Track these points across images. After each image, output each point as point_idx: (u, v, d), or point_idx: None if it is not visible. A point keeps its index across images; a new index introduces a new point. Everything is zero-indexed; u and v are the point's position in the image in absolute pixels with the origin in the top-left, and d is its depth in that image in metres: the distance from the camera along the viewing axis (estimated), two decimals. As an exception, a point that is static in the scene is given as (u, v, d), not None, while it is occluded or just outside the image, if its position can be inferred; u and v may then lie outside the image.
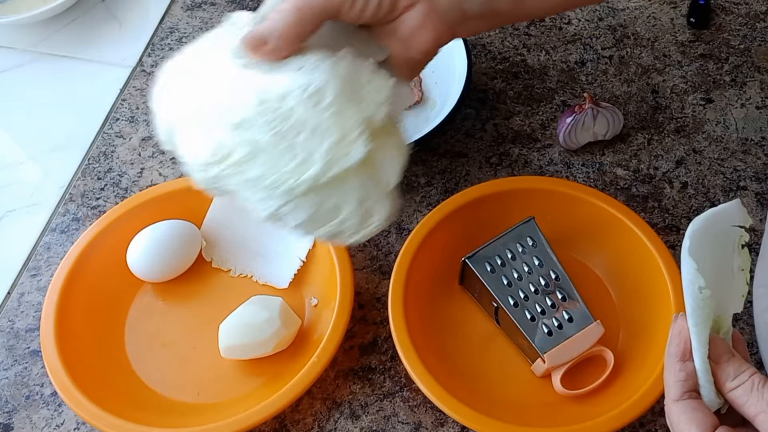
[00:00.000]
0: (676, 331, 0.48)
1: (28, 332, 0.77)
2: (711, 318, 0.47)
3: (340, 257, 0.72)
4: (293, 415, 0.70)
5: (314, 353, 0.68)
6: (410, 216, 0.81)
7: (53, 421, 0.72)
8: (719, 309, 0.48)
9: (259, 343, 0.70)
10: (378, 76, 0.52)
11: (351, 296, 0.71)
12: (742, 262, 0.50)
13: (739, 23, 0.94)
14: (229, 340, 0.71)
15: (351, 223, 0.53)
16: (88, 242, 0.76)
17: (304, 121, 0.48)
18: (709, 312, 0.47)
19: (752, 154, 0.84)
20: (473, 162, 0.85)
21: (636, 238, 0.72)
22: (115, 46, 0.99)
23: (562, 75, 0.91)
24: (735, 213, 0.49)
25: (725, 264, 0.49)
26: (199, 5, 1.02)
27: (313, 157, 0.48)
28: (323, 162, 0.48)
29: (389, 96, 0.52)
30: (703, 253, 0.47)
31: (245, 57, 0.51)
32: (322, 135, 0.48)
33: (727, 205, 0.49)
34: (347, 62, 0.51)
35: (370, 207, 0.52)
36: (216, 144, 0.50)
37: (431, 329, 0.72)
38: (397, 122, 0.54)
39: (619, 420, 0.63)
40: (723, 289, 0.49)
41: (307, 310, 0.75)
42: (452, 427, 0.69)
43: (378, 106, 0.50)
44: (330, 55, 0.51)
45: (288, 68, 0.49)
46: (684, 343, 0.48)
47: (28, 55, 1.00)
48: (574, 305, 0.69)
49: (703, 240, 0.47)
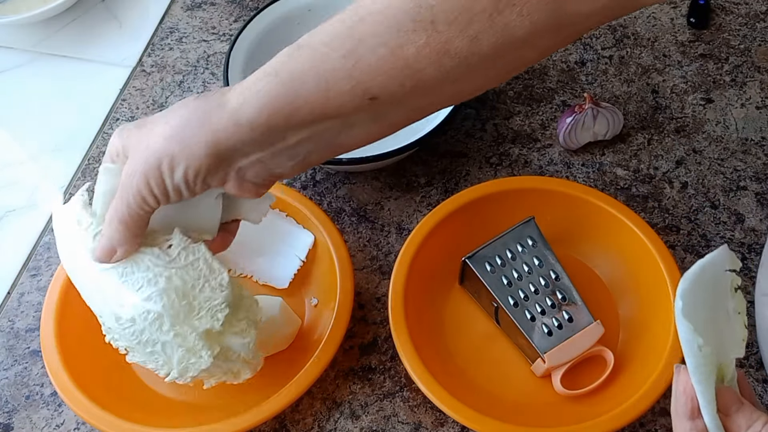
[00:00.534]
0: (681, 388, 0.47)
1: (28, 332, 0.77)
2: (714, 372, 0.47)
3: (340, 257, 0.72)
4: (293, 415, 0.70)
5: (314, 353, 0.68)
6: (410, 216, 0.81)
7: (53, 421, 0.72)
8: (721, 356, 0.48)
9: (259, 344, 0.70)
10: (212, 275, 0.59)
11: (351, 296, 0.71)
12: (738, 306, 0.49)
13: (739, 23, 0.94)
14: None
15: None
16: None
17: (155, 340, 0.58)
18: (712, 367, 0.46)
19: (752, 154, 0.84)
20: (473, 162, 0.85)
21: (636, 238, 0.72)
22: (115, 46, 0.99)
23: (562, 75, 0.91)
24: (724, 259, 0.49)
25: (721, 309, 0.49)
26: (199, 5, 1.02)
27: (171, 363, 0.59)
28: (178, 369, 0.59)
29: (226, 296, 0.59)
30: (697, 309, 0.47)
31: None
32: (171, 349, 0.58)
33: (714, 254, 0.48)
34: (181, 272, 0.58)
35: (234, 371, 0.63)
36: (106, 328, 0.60)
37: (431, 329, 0.72)
38: (245, 296, 0.62)
39: (619, 420, 0.63)
40: (722, 335, 0.48)
41: (307, 310, 0.75)
42: (452, 427, 0.69)
43: (214, 315, 0.58)
44: (165, 255, 0.58)
45: (132, 284, 0.58)
46: (691, 401, 0.46)
47: (28, 55, 1.00)
48: (574, 305, 0.69)
49: (695, 295, 0.47)
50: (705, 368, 0.46)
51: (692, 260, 0.76)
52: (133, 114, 0.92)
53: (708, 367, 0.46)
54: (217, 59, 0.96)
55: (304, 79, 0.48)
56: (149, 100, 0.93)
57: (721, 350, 0.48)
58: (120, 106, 0.93)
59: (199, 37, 0.98)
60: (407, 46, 0.46)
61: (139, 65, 0.97)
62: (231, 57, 0.83)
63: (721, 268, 0.49)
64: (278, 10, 0.87)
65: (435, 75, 0.47)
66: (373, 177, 0.84)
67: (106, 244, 0.56)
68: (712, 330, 0.47)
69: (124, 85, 0.95)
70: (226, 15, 1.00)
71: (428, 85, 0.47)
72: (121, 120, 0.91)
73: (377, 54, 0.46)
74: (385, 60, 0.46)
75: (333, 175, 0.85)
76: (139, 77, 0.95)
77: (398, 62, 0.46)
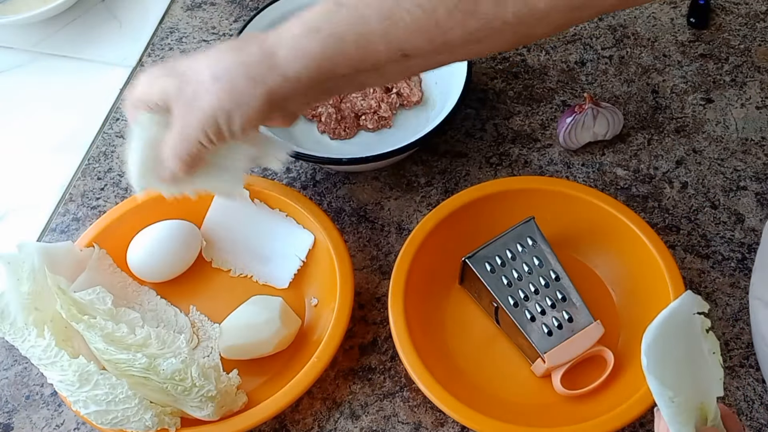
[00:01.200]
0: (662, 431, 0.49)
1: (28, 332, 0.77)
2: (693, 417, 0.48)
3: (339, 258, 0.72)
4: (293, 415, 0.70)
5: (314, 353, 0.68)
6: (410, 216, 0.81)
7: (53, 421, 0.72)
8: (701, 396, 0.49)
9: (259, 344, 0.70)
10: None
11: (351, 296, 0.71)
12: (711, 346, 0.50)
13: (739, 23, 0.94)
14: (229, 341, 0.71)
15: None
16: (88, 242, 0.76)
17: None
18: (689, 414, 0.47)
19: (752, 154, 0.84)
20: (473, 162, 0.84)
21: (636, 238, 0.72)
22: (115, 46, 0.99)
23: (562, 75, 0.91)
24: (691, 303, 0.49)
25: (696, 352, 0.50)
26: (199, 5, 1.02)
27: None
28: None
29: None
30: (665, 359, 0.48)
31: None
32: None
33: (678, 303, 0.49)
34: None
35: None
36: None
37: (431, 329, 0.72)
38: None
39: (619, 420, 0.63)
40: (700, 377, 0.49)
41: (307, 310, 0.75)
42: (452, 427, 0.69)
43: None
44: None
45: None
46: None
47: (28, 55, 1.00)
48: (574, 305, 0.69)
49: (662, 347, 0.48)
50: (680, 417, 0.47)
51: (692, 260, 0.77)
52: (133, 114, 0.92)
53: (683, 416, 0.47)
54: (217, 59, 0.96)
55: (346, 39, 0.53)
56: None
57: (701, 391, 0.49)
58: (120, 106, 0.93)
59: (199, 37, 0.98)
60: (440, 7, 0.50)
61: (139, 65, 0.97)
62: (231, 57, 0.83)
63: (689, 312, 0.49)
64: (278, 10, 0.87)
65: (461, 35, 0.51)
66: (373, 177, 0.84)
67: (170, 176, 0.61)
68: (688, 375, 0.48)
69: (124, 85, 0.95)
70: (226, 15, 1.00)
71: (454, 43, 0.52)
72: (121, 120, 0.91)
73: (413, 15, 0.51)
74: (420, 21, 0.51)
75: (333, 175, 0.85)
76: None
77: (430, 23, 0.51)
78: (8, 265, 0.69)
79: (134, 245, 0.75)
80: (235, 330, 0.71)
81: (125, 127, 0.91)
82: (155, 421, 0.63)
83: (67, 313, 0.66)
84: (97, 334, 0.65)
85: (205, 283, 0.78)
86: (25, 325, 0.66)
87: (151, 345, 0.66)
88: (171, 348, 0.66)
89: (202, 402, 0.64)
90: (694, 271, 0.76)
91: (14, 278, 0.68)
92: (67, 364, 0.63)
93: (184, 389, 0.63)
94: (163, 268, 0.76)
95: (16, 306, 0.67)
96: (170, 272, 0.77)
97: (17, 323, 0.66)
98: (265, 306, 0.71)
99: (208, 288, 0.77)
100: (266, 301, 0.72)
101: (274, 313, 0.70)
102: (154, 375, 0.63)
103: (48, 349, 0.64)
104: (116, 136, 0.90)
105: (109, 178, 0.87)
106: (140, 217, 0.77)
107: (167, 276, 0.77)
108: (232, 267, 0.78)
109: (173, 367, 0.63)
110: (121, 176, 0.87)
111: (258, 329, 0.70)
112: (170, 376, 0.63)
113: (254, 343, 0.70)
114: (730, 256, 0.77)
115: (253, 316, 0.71)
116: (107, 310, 0.69)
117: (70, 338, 0.67)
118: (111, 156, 0.88)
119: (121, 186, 0.86)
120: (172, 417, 0.65)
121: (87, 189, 0.86)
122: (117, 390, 0.62)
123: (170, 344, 0.66)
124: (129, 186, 0.85)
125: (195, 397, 0.63)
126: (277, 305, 0.71)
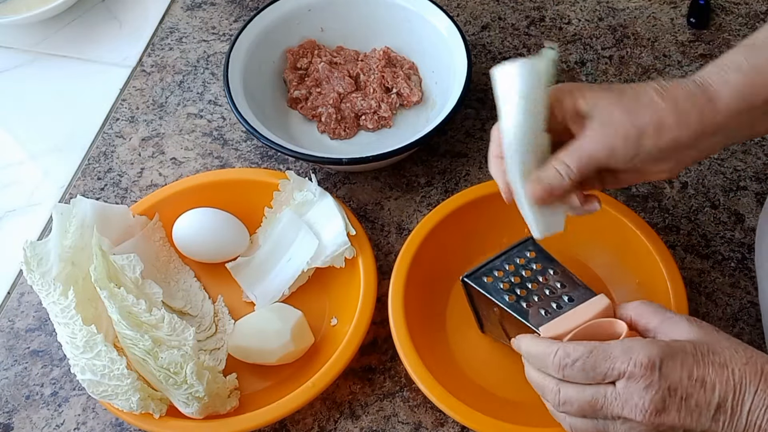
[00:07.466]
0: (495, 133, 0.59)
1: (28, 332, 0.77)
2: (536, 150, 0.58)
3: (366, 284, 0.72)
4: (293, 415, 0.70)
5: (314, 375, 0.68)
6: (410, 216, 0.81)
7: (53, 421, 0.72)
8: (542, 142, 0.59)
9: (263, 351, 0.70)
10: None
11: (366, 324, 0.70)
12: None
13: (739, 23, 0.94)
14: (238, 340, 0.71)
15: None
16: (141, 212, 0.78)
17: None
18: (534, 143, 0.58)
19: (752, 154, 0.84)
20: (473, 162, 0.85)
21: (636, 238, 0.72)
22: (115, 46, 0.99)
23: (562, 75, 0.91)
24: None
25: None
26: (199, 5, 1.02)
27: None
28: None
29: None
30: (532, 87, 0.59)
31: None
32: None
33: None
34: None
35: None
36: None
37: (431, 329, 0.72)
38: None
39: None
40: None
41: (324, 328, 0.74)
42: (452, 427, 0.69)
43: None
44: None
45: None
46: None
47: (28, 55, 1.00)
48: (575, 288, 0.66)
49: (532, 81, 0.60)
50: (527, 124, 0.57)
51: (692, 260, 0.77)
52: (133, 114, 0.92)
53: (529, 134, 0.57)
54: (217, 59, 0.96)
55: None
56: (149, 100, 0.93)
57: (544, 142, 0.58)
58: (120, 106, 0.93)
59: (199, 37, 0.98)
60: None
61: (139, 65, 0.97)
62: (231, 57, 0.83)
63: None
64: (278, 10, 0.87)
65: None
66: (373, 177, 0.84)
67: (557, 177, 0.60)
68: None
69: (124, 85, 0.95)
70: (226, 15, 1.00)
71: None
72: (121, 120, 0.91)
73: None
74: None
75: (333, 175, 0.85)
76: (139, 77, 0.95)
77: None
78: (60, 215, 0.71)
79: (185, 218, 0.76)
80: (246, 331, 0.71)
81: (125, 127, 0.91)
82: (140, 405, 0.64)
83: (97, 276, 0.67)
84: (115, 305, 0.65)
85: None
86: (53, 280, 0.67)
87: (162, 328, 0.66)
88: (179, 337, 0.66)
89: (189, 399, 0.64)
90: (694, 271, 0.76)
91: (62, 229, 0.71)
92: (78, 329, 0.65)
93: (176, 383, 0.64)
94: (207, 249, 0.77)
95: (55, 256, 0.69)
96: (212, 255, 0.77)
97: (49, 274, 0.68)
98: (281, 316, 0.71)
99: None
100: (284, 311, 0.71)
101: (286, 326, 0.70)
102: (152, 360, 0.64)
103: (66, 310, 0.66)
104: (116, 136, 0.90)
105: (109, 178, 0.87)
106: (195, 197, 0.78)
107: (207, 258, 0.77)
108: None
109: (171, 358, 0.64)
110: (121, 176, 0.87)
111: (266, 337, 0.70)
112: (166, 366, 0.64)
113: (260, 349, 0.70)
114: (730, 256, 0.77)
115: (266, 322, 0.71)
116: (134, 279, 0.70)
117: (96, 299, 0.68)
118: (111, 156, 0.88)
119: (121, 186, 0.86)
120: (160, 403, 0.66)
121: (87, 189, 0.86)
122: (114, 365, 0.64)
123: (179, 333, 0.66)
124: (129, 186, 0.86)
125: (183, 393, 0.64)
126: (294, 318, 0.70)
